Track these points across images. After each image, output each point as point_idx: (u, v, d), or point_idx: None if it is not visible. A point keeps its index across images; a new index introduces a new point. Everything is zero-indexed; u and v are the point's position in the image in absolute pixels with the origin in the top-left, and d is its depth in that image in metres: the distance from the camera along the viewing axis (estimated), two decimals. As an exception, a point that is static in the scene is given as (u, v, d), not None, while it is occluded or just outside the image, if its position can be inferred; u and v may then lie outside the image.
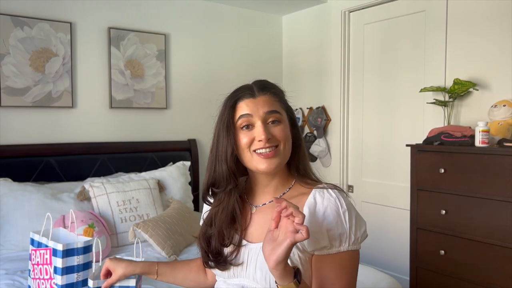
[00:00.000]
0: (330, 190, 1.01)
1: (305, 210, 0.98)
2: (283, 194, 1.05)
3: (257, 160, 0.99)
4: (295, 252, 0.98)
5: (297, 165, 1.06)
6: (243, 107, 1.01)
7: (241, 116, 1.00)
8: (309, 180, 1.06)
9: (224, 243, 1.05)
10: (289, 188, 1.06)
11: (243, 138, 1.00)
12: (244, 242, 1.05)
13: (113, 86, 3.03)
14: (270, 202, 1.05)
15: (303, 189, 1.04)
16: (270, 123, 1.00)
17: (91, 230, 2.25)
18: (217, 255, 1.06)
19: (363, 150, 3.35)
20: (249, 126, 1.00)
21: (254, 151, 0.99)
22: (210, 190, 1.08)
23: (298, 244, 0.96)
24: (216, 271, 1.09)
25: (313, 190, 1.01)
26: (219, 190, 1.05)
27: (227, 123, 1.01)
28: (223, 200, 1.07)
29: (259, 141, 0.98)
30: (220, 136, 1.02)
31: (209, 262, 1.08)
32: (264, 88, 1.04)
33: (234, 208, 1.06)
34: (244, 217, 1.08)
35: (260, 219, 1.06)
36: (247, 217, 1.08)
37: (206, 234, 1.09)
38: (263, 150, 0.98)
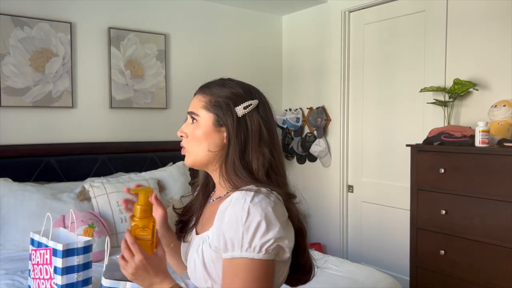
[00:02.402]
0: (249, 192, 0.93)
1: (218, 210, 0.97)
2: (226, 193, 1.04)
3: None
4: (206, 248, 0.98)
5: (224, 168, 1.02)
6: None
7: None
8: (235, 183, 1.00)
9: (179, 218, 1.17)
10: (232, 188, 1.02)
11: None
12: (193, 230, 1.11)
13: (113, 86, 3.03)
14: (216, 199, 1.08)
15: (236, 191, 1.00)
16: (192, 122, 1.06)
17: (91, 230, 2.25)
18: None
19: (363, 150, 3.35)
20: None
21: None
22: None
23: (210, 241, 0.97)
24: None
25: (237, 191, 0.96)
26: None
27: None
28: None
29: None
30: None
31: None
32: (200, 87, 1.09)
33: (200, 194, 1.16)
34: (203, 207, 1.13)
35: (205, 213, 1.10)
36: (204, 208, 1.13)
37: None
38: None
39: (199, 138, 1.03)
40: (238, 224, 0.90)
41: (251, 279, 0.89)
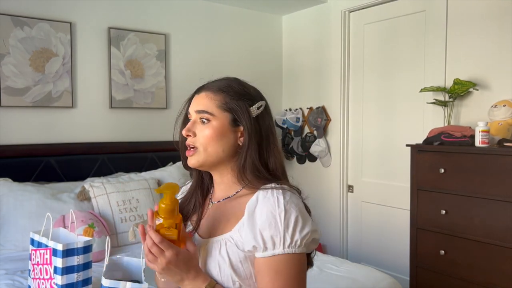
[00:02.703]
0: (274, 190, 0.96)
1: (246, 208, 0.97)
2: (235, 193, 1.04)
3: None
4: (232, 250, 0.97)
5: (241, 168, 1.02)
6: (191, 103, 1.07)
7: (186, 114, 1.08)
8: (253, 182, 1.02)
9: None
10: (241, 188, 1.04)
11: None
12: (195, 235, 1.06)
13: (113, 86, 3.03)
14: (223, 200, 1.06)
15: (252, 190, 1.01)
16: (201, 121, 1.02)
17: (91, 230, 2.25)
18: None
19: (363, 150, 3.35)
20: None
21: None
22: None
23: (239, 242, 0.97)
24: None
25: (259, 190, 0.99)
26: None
27: (184, 117, 1.09)
28: (192, 184, 1.13)
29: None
30: (179, 128, 1.10)
31: None
32: (207, 86, 1.06)
33: (196, 195, 1.11)
34: (202, 209, 1.10)
35: (212, 215, 1.07)
36: (204, 210, 1.10)
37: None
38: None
39: (213, 137, 1.00)
40: (277, 222, 0.92)
41: (293, 273, 0.93)
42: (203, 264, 1.01)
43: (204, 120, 1.02)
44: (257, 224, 0.94)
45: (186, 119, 1.08)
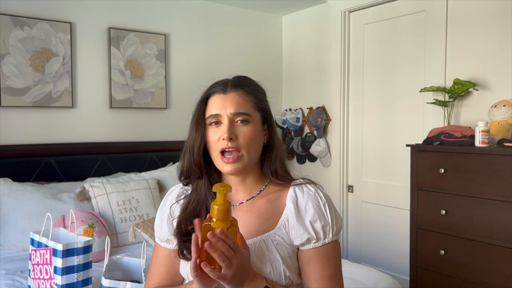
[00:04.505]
0: (308, 185, 1.04)
1: (288, 204, 1.02)
2: (259, 192, 1.06)
3: (220, 162, 1.00)
4: (282, 247, 0.99)
5: (269, 165, 1.06)
6: (213, 104, 1.02)
7: (210, 116, 1.02)
8: (284, 178, 1.07)
9: (187, 230, 1.01)
10: (265, 186, 1.07)
11: (211, 135, 1.01)
12: None
13: (113, 86, 3.03)
14: (247, 200, 1.06)
15: (279, 186, 1.06)
16: (238, 122, 1.00)
17: (91, 230, 2.25)
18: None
19: (363, 150, 3.35)
20: (218, 123, 1.01)
21: (221, 152, 0.99)
22: (181, 177, 1.09)
23: (285, 237, 1.00)
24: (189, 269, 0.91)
25: (292, 186, 1.04)
26: (190, 178, 1.07)
27: (197, 118, 1.04)
28: (196, 188, 1.07)
29: (223, 139, 0.99)
30: (191, 129, 1.05)
31: (185, 252, 1.02)
32: (237, 85, 1.03)
33: (207, 200, 1.05)
34: None
35: (239, 217, 1.04)
36: None
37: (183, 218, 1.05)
38: (226, 151, 0.99)
39: (253, 138, 1.01)
40: (324, 213, 1.00)
41: (338, 258, 1.02)
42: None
43: (243, 121, 1.00)
44: (306, 218, 0.99)
45: (199, 121, 1.04)
